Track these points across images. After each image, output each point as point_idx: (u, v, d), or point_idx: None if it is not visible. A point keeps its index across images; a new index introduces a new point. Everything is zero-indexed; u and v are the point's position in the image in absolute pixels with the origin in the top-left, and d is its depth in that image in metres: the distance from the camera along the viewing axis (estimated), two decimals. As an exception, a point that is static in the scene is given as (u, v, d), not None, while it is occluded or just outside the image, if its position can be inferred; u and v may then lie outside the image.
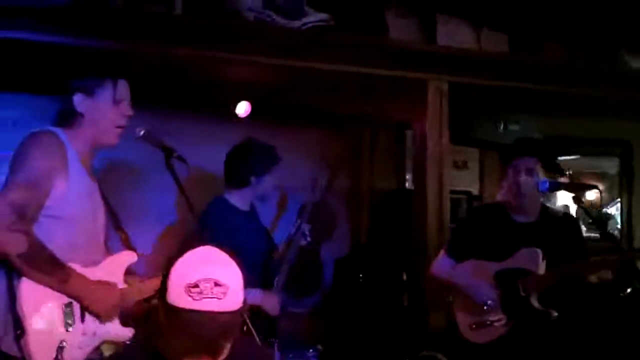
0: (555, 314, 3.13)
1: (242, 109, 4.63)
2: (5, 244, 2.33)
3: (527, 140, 3.61)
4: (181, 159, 2.75)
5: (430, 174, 4.13)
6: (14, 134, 2.63)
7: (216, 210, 3.62)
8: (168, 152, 2.74)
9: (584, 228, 3.87)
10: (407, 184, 5.06)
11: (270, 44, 3.87)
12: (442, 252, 3.46)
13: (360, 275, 4.73)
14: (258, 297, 3.48)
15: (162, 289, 1.82)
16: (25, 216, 2.37)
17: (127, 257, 2.73)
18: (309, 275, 4.85)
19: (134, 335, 2.62)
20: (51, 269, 2.39)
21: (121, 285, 2.64)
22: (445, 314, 3.80)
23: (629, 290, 3.50)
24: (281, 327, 3.86)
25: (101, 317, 2.51)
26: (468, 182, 5.24)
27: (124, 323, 2.64)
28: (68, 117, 2.64)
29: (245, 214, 3.70)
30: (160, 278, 1.85)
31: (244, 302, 1.86)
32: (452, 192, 4.75)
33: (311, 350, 4.27)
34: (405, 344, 4.22)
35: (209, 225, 3.46)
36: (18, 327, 2.34)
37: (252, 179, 3.65)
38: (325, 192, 4.06)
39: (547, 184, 3.17)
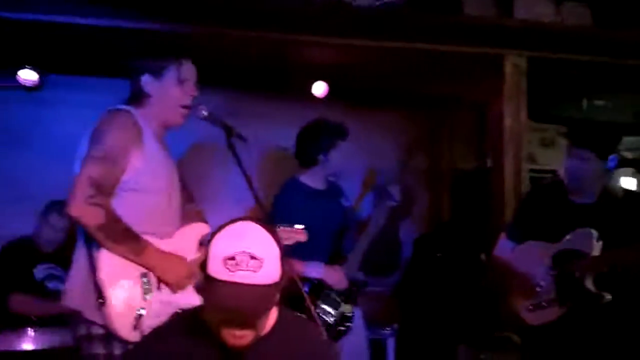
0: (609, 297, 3.01)
1: (320, 89, 4.68)
2: (84, 216, 2.44)
3: (580, 125, 3.44)
4: (241, 137, 2.80)
5: (508, 153, 4.05)
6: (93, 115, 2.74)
7: (287, 190, 3.73)
8: (229, 132, 2.79)
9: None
10: (488, 163, 4.95)
11: (344, 24, 3.89)
12: (503, 234, 3.39)
13: (439, 254, 4.69)
14: (320, 270, 3.56)
15: (203, 261, 1.88)
16: (102, 190, 2.48)
17: (200, 229, 2.81)
18: (388, 255, 4.86)
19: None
20: (126, 241, 2.49)
21: (193, 255, 2.71)
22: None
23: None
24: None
25: (173, 287, 2.60)
26: (555, 160, 5.07)
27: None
28: (138, 98, 2.74)
29: (319, 192, 3.76)
30: None
31: (283, 276, 1.89)
32: (538, 170, 4.64)
33: (388, 329, 4.31)
34: (480, 325, 4.18)
35: (280, 205, 3.66)
36: (100, 296, 2.46)
37: (320, 157, 3.72)
38: (403, 172, 4.00)
39: (615, 160, 3.05)
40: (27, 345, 3.03)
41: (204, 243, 2.76)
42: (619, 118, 4.43)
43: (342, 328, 3.59)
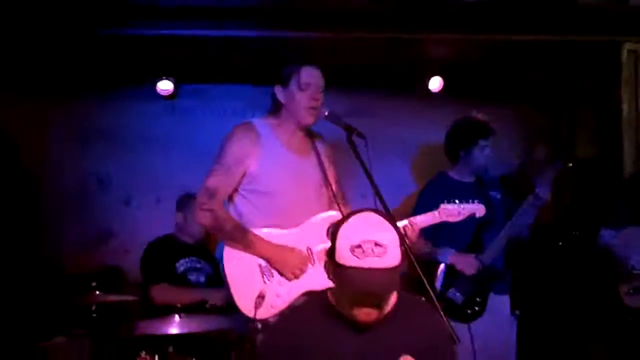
0: None
1: (436, 84, 4.80)
2: (199, 220, 3.00)
3: None
4: (360, 135, 3.00)
5: (626, 140, 4.03)
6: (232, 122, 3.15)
7: (432, 183, 4.01)
8: (349, 130, 3.00)
9: None
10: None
11: (455, 19, 4.03)
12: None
13: (560, 243, 4.70)
14: (449, 256, 3.78)
15: (331, 250, 2.13)
16: (215, 197, 2.94)
17: (330, 218, 3.06)
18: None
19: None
20: (235, 236, 2.93)
21: (323, 242, 2.98)
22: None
23: None
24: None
25: (286, 275, 2.93)
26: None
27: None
28: (275, 107, 3.12)
29: (465, 184, 3.94)
30: None
31: (403, 260, 2.11)
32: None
33: (512, 314, 4.38)
34: (596, 312, 4.19)
35: (424, 196, 3.88)
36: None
37: (461, 153, 3.92)
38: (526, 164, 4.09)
39: None
40: (174, 330, 3.29)
41: (329, 232, 3.04)
42: None
43: (470, 311, 3.75)
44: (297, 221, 3.02)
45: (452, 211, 3.15)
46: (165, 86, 4.72)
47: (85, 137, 4.96)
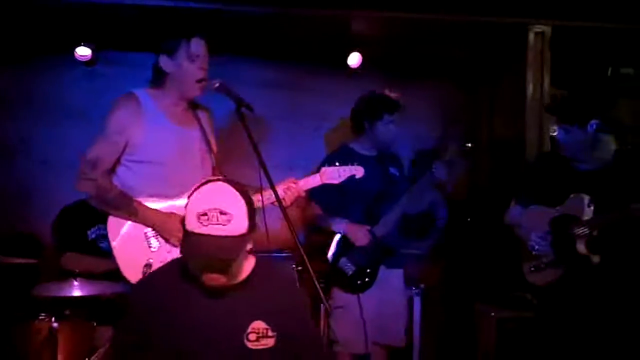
0: (597, 259, 3.15)
1: (354, 59, 4.84)
2: (80, 188, 3.01)
3: (561, 98, 3.50)
4: (249, 108, 3.02)
5: (530, 121, 4.14)
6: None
7: (334, 155, 3.93)
8: (239, 103, 3.01)
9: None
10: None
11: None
12: (513, 200, 3.56)
13: (469, 219, 4.83)
14: (343, 226, 3.85)
15: (183, 218, 2.20)
16: (97, 167, 2.95)
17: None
18: (422, 219, 5.02)
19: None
20: (119, 205, 2.95)
21: None
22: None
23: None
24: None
25: (171, 241, 2.97)
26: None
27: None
28: (159, 76, 3.10)
29: (365, 157, 3.92)
30: None
31: (250, 229, 2.20)
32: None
33: (414, 289, 4.50)
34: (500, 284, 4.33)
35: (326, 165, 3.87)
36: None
37: (365, 124, 3.97)
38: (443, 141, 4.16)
39: (595, 125, 3.15)
40: (73, 292, 3.39)
41: None
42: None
43: (359, 282, 3.84)
44: (182, 191, 2.97)
45: (332, 173, 3.20)
46: (83, 52, 4.70)
47: (5, 102, 4.95)
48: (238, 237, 2.15)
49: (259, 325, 2.25)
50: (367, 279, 3.86)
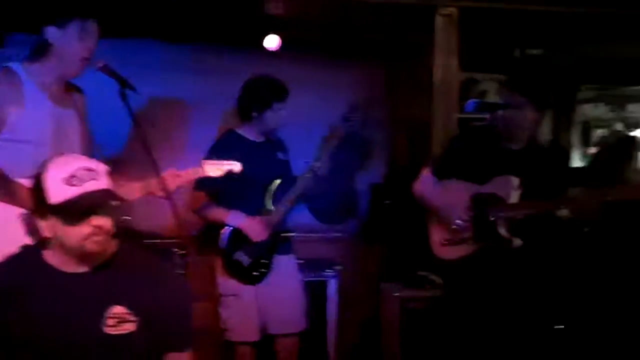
0: (519, 243, 3.16)
1: (273, 42, 4.81)
2: None
3: (519, 73, 3.51)
4: (132, 88, 2.97)
5: (437, 103, 4.14)
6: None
7: (222, 141, 3.93)
8: (122, 83, 2.97)
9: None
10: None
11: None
12: (426, 169, 3.52)
13: (387, 202, 4.86)
14: (240, 220, 3.79)
15: (40, 200, 2.15)
16: None
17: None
18: (342, 202, 5.05)
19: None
20: None
21: None
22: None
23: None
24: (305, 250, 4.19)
25: None
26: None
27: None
28: (39, 50, 2.99)
29: (255, 144, 3.92)
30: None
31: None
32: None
33: (329, 270, 4.52)
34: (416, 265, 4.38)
35: (213, 153, 3.75)
36: None
37: (254, 114, 3.85)
38: (352, 125, 4.06)
39: (472, 104, 3.17)
40: None
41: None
42: (554, 67, 4.48)
43: (256, 273, 3.80)
44: None
45: (212, 166, 3.18)
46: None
47: None
48: (110, 190, 2.16)
49: (118, 310, 2.22)
50: (262, 269, 3.82)
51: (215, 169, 3.18)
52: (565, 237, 3.39)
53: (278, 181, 3.89)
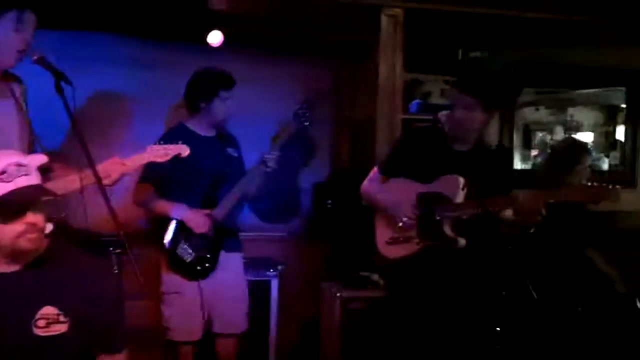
0: (463, 242, 3.16)
1: (216, 38, 4.73)
2: None
3: (469, 74, 3.51)
4: (68, 81, 2.88)
5: (381, 104, 4.14)
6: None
7: (170, 133, 3.87)
8: (58, 76, 2.87)
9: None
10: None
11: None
12: (375, 168, 3.51)
13: (329, 201, 4.83)
14: (183, 212, 3.74)
15: None
16: None
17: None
18: (285, 201, 5.01)
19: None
20: None
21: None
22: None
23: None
24: (247, 250, 4.12)
25: None
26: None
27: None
28: None
29: (204, 138, 3.88)
30: None
31: None
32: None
33: (272, 270, 4.48)
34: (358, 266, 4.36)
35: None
36: None
37: (201, 104, 3.84)
38: (304, 121, 4.06)
39: (416, 105, 3.18)
40: None
41: None
42: (496, 69, 4.52)
43: (199, 267, 3.75)
44: None
45: (157, 151, 3.05)
46: None
47: None
48: (41, 186, 2.11)
49: (49, 310, 2.14)
50: (207, 265, 3.77)
51: (162, 153, 3.05)
52: (509, 238, 3.41)
53: (224, 175, 3.86)
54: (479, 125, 3.24)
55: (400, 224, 3.27)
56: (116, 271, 2.97)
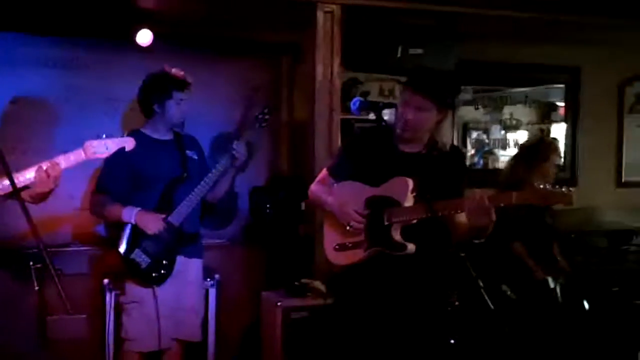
0: (412, 248, 3.01)
1: (145, 37, 4.54)
2: None
3: (421, 73, 3.34)
4: None
5: (319, 103, 4.01)
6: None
7: None
8: None
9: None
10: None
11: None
12: (324, 170, 3.35)
13: (268, 206, 4.67)
14: (133, 215, 3.64)
15: None
16: None
17: None
18: (221, 206, 4.82)
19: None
20: None
21: None
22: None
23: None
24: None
25: None
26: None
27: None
28: None
29: (160, 142, 3.81)
30: None
31: None
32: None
33: (209, 280, 4.29)
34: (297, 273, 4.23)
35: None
36: None
37: (155, 107, 3.76)
38: (263, 125, 4.04)
39: (358, 103, 3.04)
40: None
41: None
42: (435, 67, 4.42)
43: (155, 274, 3.65)
44: None
45: (97, 147, 2.85)
46: None
47: None
48: None
49: None
50: (163, 271, 3.66)
51: (102, 148, 2.86)
52: (461, 244, 3.27)
53: (181, 178, 3.78)
54: (431, 126, 3.10)
55: (348, 228, 3.10)
56: (36, 288, 2.71)
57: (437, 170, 3.05)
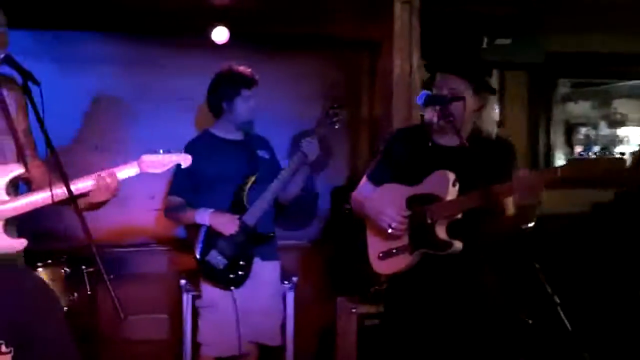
0: (459, 246, 2.77)
1: (221, 35, 4.50)
2: None
3: (447, 54, 3.08)
4: (36, 82, 2.62)
5: (398, 99, 3.82)
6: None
7: (195, 140, 3.78)
8: (25, 76, 2.63)
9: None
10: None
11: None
12: (364, 176, 3.17)
13: (346, 206, 4.51)
14: (206, 217, 3.62)
15: None
16: None
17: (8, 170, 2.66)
18: (302, 206, 4.70)
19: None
20: None
21: None
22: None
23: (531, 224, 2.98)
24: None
25: None
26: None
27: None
28: None
29: (231, 142, 3.77)
30: None
31: None
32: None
33: (287, 282, 4.18)
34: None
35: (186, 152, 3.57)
36: None
37: (224, 105, 3.72)
38: (335, 121, 3.89)
39: (424, 96, 2.81)
40: None
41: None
42: (524, 58, 4.14)
43: (232, 276, 3.60)
44: None
45: (153, 163, 2.74)
46: None
47: None
48: None
49: None
50: (240, 272, 3.60)
51: (159, 165, 2.74)
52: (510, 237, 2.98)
53: (253, 178, 3.71)
54: (469, 113, 2.84)
55: (390, 231, 2.89)
56: (89, 292, 2.66)
57: (479, 162, 2.77)
